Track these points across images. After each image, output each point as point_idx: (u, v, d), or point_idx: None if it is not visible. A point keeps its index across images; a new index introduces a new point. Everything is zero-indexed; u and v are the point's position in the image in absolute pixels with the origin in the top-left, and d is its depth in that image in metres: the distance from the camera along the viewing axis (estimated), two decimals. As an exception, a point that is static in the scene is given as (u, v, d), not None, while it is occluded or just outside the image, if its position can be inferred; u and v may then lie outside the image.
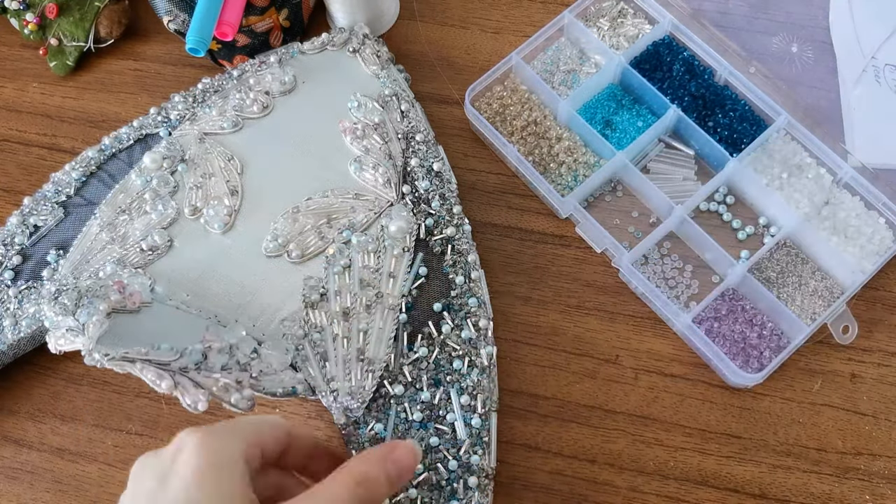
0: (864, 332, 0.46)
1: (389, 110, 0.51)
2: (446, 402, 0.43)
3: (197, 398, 0.37)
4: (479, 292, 0.46)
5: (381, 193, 0.48)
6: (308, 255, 0.46)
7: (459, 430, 0.42)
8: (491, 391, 0.43)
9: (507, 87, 0.54)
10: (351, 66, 0.53)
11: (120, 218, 0.48)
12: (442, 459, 0.41)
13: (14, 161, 0.56)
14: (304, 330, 0.44)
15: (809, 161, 0.50)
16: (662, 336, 0.47)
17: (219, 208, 0.47)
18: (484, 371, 0.43)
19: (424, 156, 0.50)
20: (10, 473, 0.46)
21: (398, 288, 0.45)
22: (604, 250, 0.49)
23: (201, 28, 0.47)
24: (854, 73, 0.53)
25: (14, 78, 0.59)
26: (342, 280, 0.45)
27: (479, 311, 0.45)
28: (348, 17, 0.56)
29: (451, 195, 0.49)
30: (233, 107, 0.51)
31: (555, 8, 0.58)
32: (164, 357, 0.38)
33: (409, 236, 0.47)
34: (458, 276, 0.46)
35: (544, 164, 0.51)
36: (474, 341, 0.44)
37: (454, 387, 0.43)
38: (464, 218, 0.48)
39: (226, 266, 0.46)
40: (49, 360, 0.49)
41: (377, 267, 0.46)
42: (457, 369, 0.43)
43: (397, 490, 0.40)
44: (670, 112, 0.50)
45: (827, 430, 0.45)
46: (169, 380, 0.37)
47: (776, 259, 0.48)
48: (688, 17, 0.54)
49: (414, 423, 0.42)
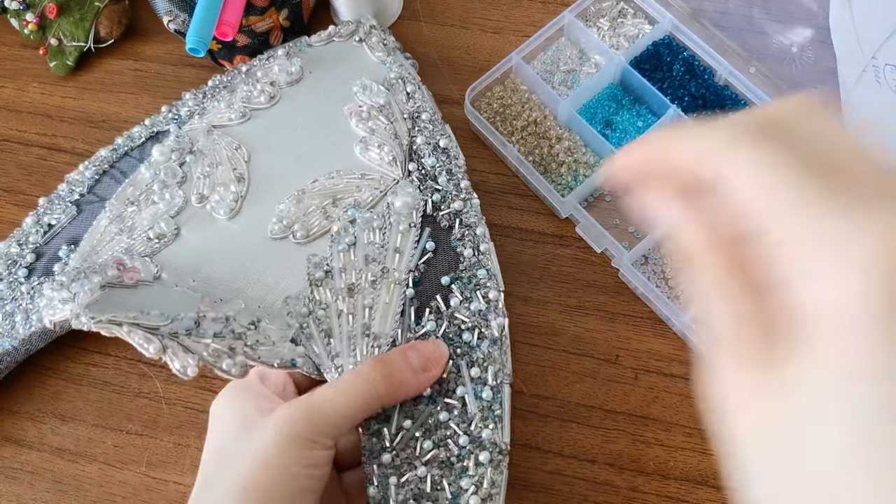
0: (864, 332, 0.46)
1: (395, 92, 0.50)
2: (456, 375, 0.41)
3: (186, 363, 0.36)
4: (489, 264, 0.44)
5: (386, 172, 0.47)
6: (313, 235, 0.46)
7: (470, 403, 0.40)
8: (503, 363, 0.41)
9: (507, 87, 0.54)
10: (357, 55, 0.53)
11: (129, 210, 0.48)
12: (452, 435, 0.39)
13: (14, 161, 0.56)
14: (308, 308, 0.43)
15: (809, 161, 0.50)
16: (662, 336, 0.47)
17: (225, 194, 0.47)
18: (495, 342, 0.42)
19: (431, 134, 0.49)
20: (10, 473, 0.46)
21: (405, 263, 0.44)
22: (604, 250, 0.49)
23: (201, 28, 0.47)
24: (854, 73, 0.53)
25: (14, 78, 0.59)
26: (347, 257, 0.44)
27: (489, 283, 0.43)
28: (353, 11, 0.56)
29: (458, 170, 0.47)
30: (240, 98, 0.51)
31: (555, 8, 0.58)
32: (153, 322, 0.37)
33: (416, 212, 0.46)
34: (467, 250, 0.45)
35: (544, 164, 0.51)
36: (484, 313, 0.42)
37: (464, 359, 0.41)
38: (472, 192, 0.47)
39: (232, 251, 0.46)
40: (49, 360, 0.49)
41: (383, 243, 0.45)
42: (466, 342, 0.42)
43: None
44: (670, 112, 0.50)
45: (827, 430, 0.44)
46: (157, 343, 0.36)
47: (776, 259, 0.48)
48: (688, 17, 0.54)
49: (422, 399, 0.40)
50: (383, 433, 0.39)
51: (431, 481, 0.38)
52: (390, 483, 0.37)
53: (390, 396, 0.38)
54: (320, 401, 0.36)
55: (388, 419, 0.39)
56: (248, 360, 0.38)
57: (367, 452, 0.38)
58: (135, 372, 0.48)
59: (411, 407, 0.40)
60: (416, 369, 0.39)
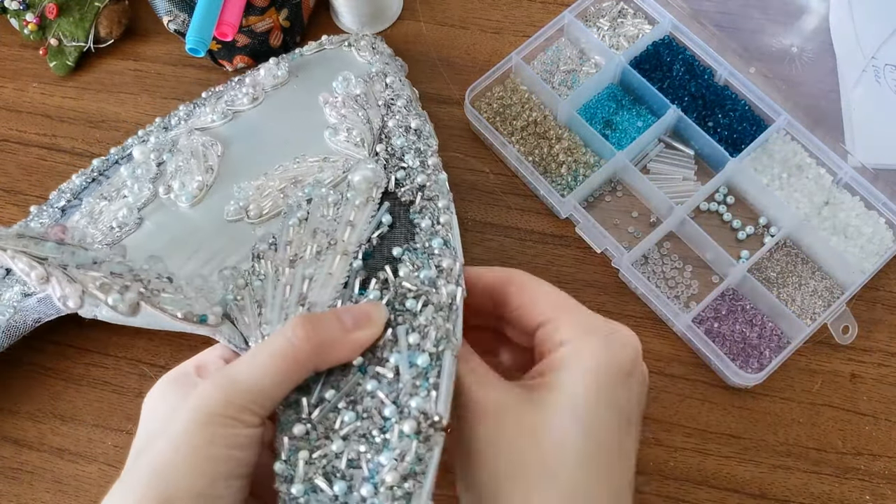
0: (864, 332, 0.46)
1: (373, 83, 0.50)
2: (393, 343, 0.35)
3: (68, 293, 0.33)
4: (447, 235, 0.40)
5: (352, 153, 0.46)
6: (266, 214, 0.44)
7: (403, 371, 0.34)
8: (448, 332, 0.35)
9: (507, 87, 0.54)
10: (345, 58, 0.53)
11: (100, 204, 0.48)
12: (378, 405, 0.33)
13: (14, 161, 0.56)
14: (245, 279, 0.40)
15: (809, 161, 0.50)
16: (662, 336, 0.47)
17: (189, 182, 0.47)
18: (441, 309, 0.36)
19: (403, 117, 0.47)
20: (10, 473, 0.46)
21: (356, 236, 0.40)
22: (604, 250, 0.49)
23: (201, 28, 0.47)
24: (854, 73, 0.53)
25: (14, 78, 0.59)
26: (296, 231, 0.41)
27: (445, 252, 0.39)
28: (353, 9, 0.56)
29: (427, 149, 0.44)
30: (224, 101, 0.51)
31: (555, 8, 0.58)
32: (44, 252, 0.34)
33: (376, 188, 0.42)
34: (425, 220, 0.40)
35: (544, 164, 0.51)
36: (433, 280, 0.37)
37: (403, 326, 0.36)
38: (440, 170, 0.43)
39: (188, 236, 0.45)
40: (49, 360, 0.49)
41: (336, 216, 0.42)
42: (409, 308, 0.36)
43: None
44: (670, 112, 0.50)
45: (827, 430, 0.45)
46: (41, 270, 0.33)
47: (776, 259, 0.48)
48: (688, 17, 0.54)
49: (350, 368, 0.35)
50: (301, 403, 0.34)
51: (348, 458, 0.32)
52: (300, 458, 0.33)
53: (317, 357, 0.33)
54: (237, 371, 0.32)
55: (308, 390, 0.34)
56: (143, 302, 0.35)
57: (280, 425, 0.34)
58: (135, 372, 0.48)
59: (338, 376, 0.35)
60: (347, 327, 0.34)
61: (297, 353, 0.32)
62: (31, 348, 0.49)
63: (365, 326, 0.34)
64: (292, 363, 0.32)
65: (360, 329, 0.34)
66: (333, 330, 0.33)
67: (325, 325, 0.33)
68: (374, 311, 0.35)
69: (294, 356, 0.32)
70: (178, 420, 0.30)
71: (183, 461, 0.29)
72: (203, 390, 0.31)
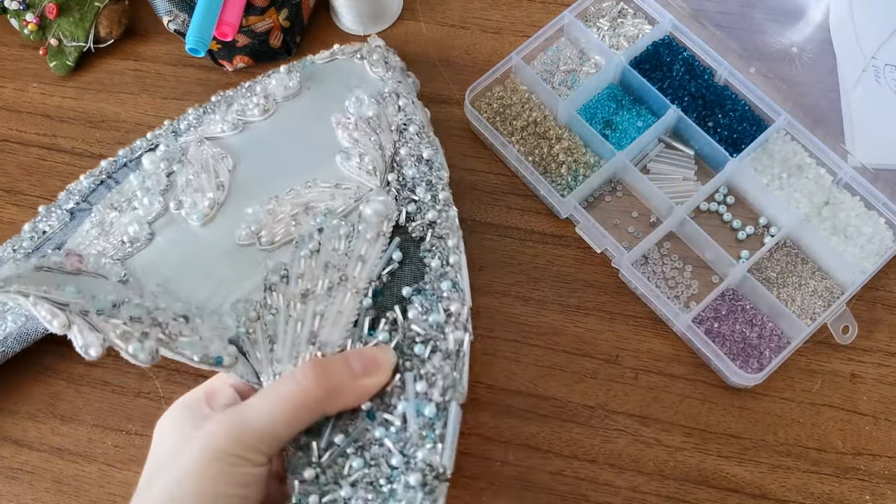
0: (864, 332, 0.46)
1: (386, 105, 0.49)
2: (400, 390, 0.36)
3: (90, 341, 0.34)
4: (456, 277, 0.41)
5: (364, 181, 0.46)
6: (278, 242, 0.44)
7: (410, 420, 0.35)
8: (455, 381, 0.37)
9: (507, 87, 0.54)
10: (357, 71, 0.52)
11: (111, 215, 0.48)
12: (385, 454, 0.35)
13: (14, 161, 0.56)
14: (257, 312, 0.40)
15: (809, 161, 0.50)
16: (662, 336, 0.47)
17: (200, 200, 0.46)
18: (449, 356, 0.37)
19: (416, 145, 0.47)
20: (10, 473, 0.46)
21: (367, 272, 0.41)
22: (604, 250, 0.49)
23: (201, 28, 0.48)
24: (854, 73, 0.53)
25: (14, 78, 0.59)
26: (308, 263, 0.42)
27: (453, 295, 0.40)
28: (353, 9, 0.56)
29: (439, 182, 0.45)
30: (235, 111, 0.51)
31: (555, 8, 0.58)
32: (65, 298, 0.35)
33: (387, 221, 0.43)
34: (434, 260, 0.41)
35: (544, 164, 0.51)
36: (441, 325, 0.38)
37: (412, 373, 0.37)
38: (450, 204, 0.44)
39: (199, 257, 0.45)
40: (49, 360, 0.49)
41: (347, 251, 0.42)
42: (417, 354, 0.37)
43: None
44: (670, 112, 0.50)
45: (827, 430, 0.45)
46: (62, 318, 0.34)
47: (776, 259, 0.48)
48: (688, 17, 0.54)
49: (359, 413, 0.36)
50: (311, 447, 0.35)
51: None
52: (310, 502, 0.34)
53: (326, 403, 0.34)
54: (247, 411, 0.33)
55: (319, 432, 0.36)
56: (162, 347, 0.35)
57: (291, 467, 0.35)
58: (135, 372, 0.48)
59: (347, 421, 0.36)
60: (356, 373, 0.35)
61: (306, 397, 0.33)
62: (31, 348, 0.49)
63: (373, 373, 0.35)
64: (301, 407, 0.33)
65: (368, 376, 0.35)
66: (343, 376, 0.35)
67: (335, 371, 0.35)
68: (383, 356, 0.36)
69: (304, 401, 0.33)
70: (187, 455, 0.31)
71: (189, 497, 0.30)
72: (213, 428, 0.32)
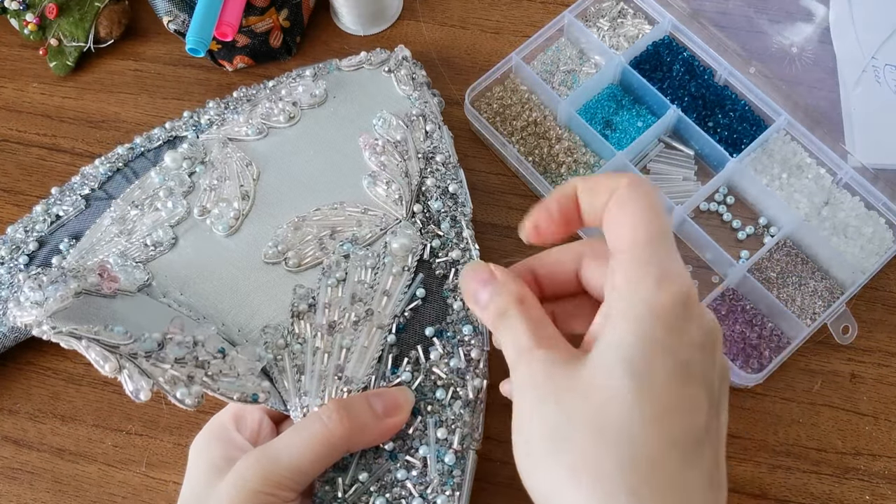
0: (864, 332, 0.46)
1: (413, 129, 0.49)
2: (422, 433, 0.39)
3: (140, 386, 0.35)
4: (477, 322, 0.43)
5: (389, 210, 0.47)
6: (305, 265, 0.45)
7: (430, 465, 0.38)
8: (473, 428, 0.40)
9: (507, 88, 0.54)
10: (384, 85, 0.52)
11: (132, 212, 0.48)
12: (406, 496, 0.38)
13: (14, 161, 0.56)
14: (285, 340, 0.42)
15: (809, 161, 0.50)
16: (662, 336, 0.47)
17: (226, 210, 0.47)
18: (468, 405, 0.40)
19: (442, 177, 0.48)
20: (10, 473, 0.46)
21: (391, 307, 0.43)
22: (604, 250, 0.49)
23: (201, 28, 0.48)
24: (854, 73, 0.53)
25: (14, 78, 0.59)
26: (334, 293, 0.44)
27: (474, 341, 0.42)
28: (353, 9, 0.56)
29: (463, 218, 0.46)
30: (260, 114, 0.50)
31: (555, 8, 0.58)
32: (114, 339, 0.36)
33: (412, 255, 0.45)
34: (457, 302, 0.43)
35: (544, 164, 0.51)
36: (462, 371, 0.41)
37: (433, 417, 0.40)
38: (473, 243, 0.46)
39: (224, 269, 0.46)
40: (49, 360, 0.49)
41: (373, 283, 0.44)
42: (439, 399, 0.40)
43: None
44: (670, 112, 0.50)
45: (827, 430, 0.45)
46: (114, 363, 0.35)
47: (776, 259, 0.48)
48: (688, 17, 0.54)
49: (383, 452, 0.39)
50: (337, 483, 0.38)
51: None
52: None
53: (350, 442, 0.37)
54: (276, 450, 0.35)
55: (345, 469, 0.38)
56: (206, 390, 0.37)
57: (318, 500, 0.38)
58: (135, 372, 0.48)
59: (371, 460, 0.39)
60: (378, 415, 0.37)
61: (332, 437, 0.36)
62: (31, 348, 0.49)
63: (394, 414, 0.38)
64: (327, 446, 0.36)
65: (389, 417, 0.38)
66: (366, 416, 0.37)
67: (358, 411, 0.37)
68: (403, 398, 0.39)
69: (329, 439, 0.36)
70: (221, 492, 0.33)
71: None
72: (244, 468, 0.34)
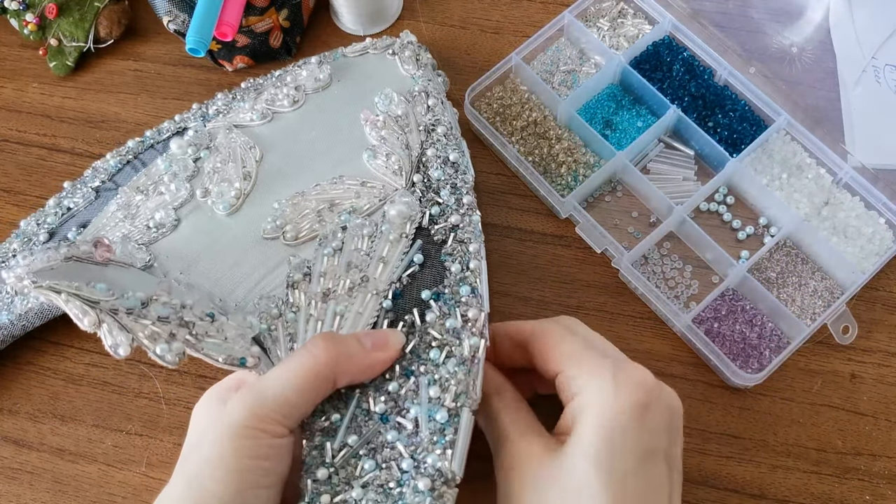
0: (864, 332, 0.46)
1: (415, 104, 0.49)
2: (414, 394, 0.37)
3: (119, 341, 0.34)
4: (475, 282, 0.41)
5: (389, 181, 0.46)
6: (302, 237, 0.44)
7: (422, 424, 0.36)
8: (468, 387, 0.37)
9: (507, 88, 0.54)
10: (388, 67, 0.52)
11: (137, 197, 0.48)
12: (396, 457, 0.35)
13: (14, 161, 0.56)
14: (279, 309, 0.41)
15: (809, 161, 0.50)
16: (662, 336, 0.47)
17: (227, 190, 0.47)
18: (463, 363, 0.37)
19: (443, 147, 0.47)
20: (10, 473, 0.46)
21: (387, 274, 0.42)
22: (604, 250, 0.49)
23: (201, 28, 0.47)
24: (854, 73, 0.53)
25: (14, 78, 0.59)
26: (330, 262, 0.43)
27: (472, 301, 0.40)
28: (353, 9, 0.56)
29: (463, 185, 0.45)
30: (264, 100, 0.51)
31: (555, 8, 0.58)
32: (95, 295, 0.35)
33: (410, 223, 0.44)
34: (455, 265, 0.42)
35: (544, 164, 0.51)
36: (458, 331, 0.39)
37: (426, 377, 0.37)
38: (474, 209, 0.44)
39: (224, 246, 0.45)
40: (49, 360, 0.49)
41: (369, 251, 0.43)
42: (432, 359, 0.38)
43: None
44: (670, 112, 0.50)
45: (827, 430, 0.45)
46: (93, 316, 0.34)
47: (776, 259, 0.48)
48: (688, 17, 0.54)
49: (373, 415, 0.37)
50: (326, 448, 0.36)
51: None
52: (321, 502, 0.35)
53: (336, 370, 0.35)
54: (263, 384, 0.34)
55: (333, 433, 0.37)
56: (188, 349, 0.36)
57: (306, 466, 0.36)
58: (135, 372, 0.48)
59: (361, 422, 0.37)
60: (366, 347, 0.36)
61: (317, 364, 0.34)
62: (31, 348, 0.49)
63: (382, 349, 0.37)
64: (313, 375, 0.34)
65: (377, 351, 0.37)
66: (353, 346, 0.36)
67: (344, 342, 0.36)
68: (392, 336, 0.38)
69: (315, 368, 0.34)
70: (212, 433, 0.33)
71: (211, 472, 0.31)
72: (231, 405, 0.33)
